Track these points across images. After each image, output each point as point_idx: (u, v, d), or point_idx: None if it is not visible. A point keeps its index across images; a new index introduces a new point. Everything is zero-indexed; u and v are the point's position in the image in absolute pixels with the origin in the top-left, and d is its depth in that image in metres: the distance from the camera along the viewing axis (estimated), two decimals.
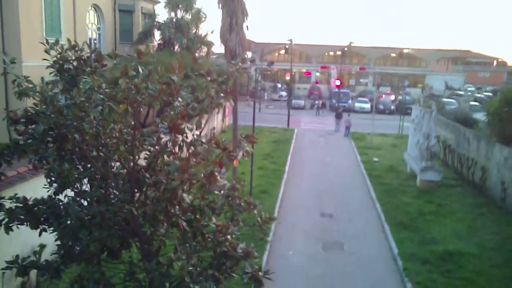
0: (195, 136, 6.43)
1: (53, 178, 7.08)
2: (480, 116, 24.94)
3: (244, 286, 12.38)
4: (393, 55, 76.20)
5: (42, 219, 6.77)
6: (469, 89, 65.24)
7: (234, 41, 15.71)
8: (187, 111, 6.36)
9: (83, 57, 7.39)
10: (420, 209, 17.82)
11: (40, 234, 6.73)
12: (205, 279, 5.89)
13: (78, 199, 7.18)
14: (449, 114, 28.71)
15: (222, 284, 6.36)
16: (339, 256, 14.30)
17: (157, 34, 27.83)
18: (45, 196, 7.03)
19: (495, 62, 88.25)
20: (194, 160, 6.07)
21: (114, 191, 7.13)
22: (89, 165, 7.08)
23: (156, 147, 6.57)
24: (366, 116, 44.46)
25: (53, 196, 7.15)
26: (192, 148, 6.10)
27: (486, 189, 19.79)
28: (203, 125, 6.61)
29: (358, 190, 21.29)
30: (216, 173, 6.10)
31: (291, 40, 51.55)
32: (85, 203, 7.18)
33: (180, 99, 6.04)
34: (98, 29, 27.27)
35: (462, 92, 57.89)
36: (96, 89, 5.92)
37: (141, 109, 6.47)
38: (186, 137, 6.51)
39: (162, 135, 6.66)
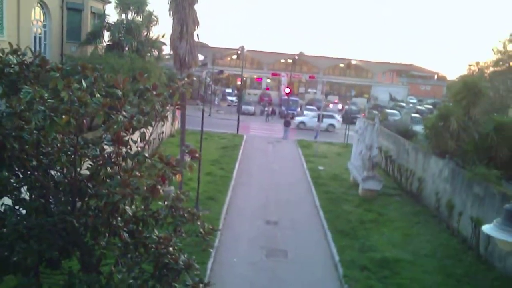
0: (139, 148, 6.49)
1: None
2: (419, 128, 26.27)
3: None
4: (342, 65, 78.47)
5: None
6: (411, 101, 68.39)
7: (184, 49, 15.71)
8: (131, 124, 6.39)
9: (26, 62, 7.22)
10: (360, 218, 18.52)
11: None
12: None
13: (16, 207, 7.01)
14: (391, 126, 30.03)
15: None
16: (283, 264, 14.60)
17: (106, 35, 27.25)
18: None
19: (435, 76, 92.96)
20: (138, 173, 6.11)
21: (54, 201, 7.03)
22: (28, 173, 6.94)
23: (99, 158, 6.57)
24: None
25: None
26: (136, 160, 6.15)
27: (422, 199, 20.89)
28: (150, 131, 6.68)
29: (304, 198, 21.82)
30: (159, 187, 6.17)
31: (242, 47, 51.90)
32: (23, 212, 7.03)
33: (124, 112, 6.07)
34: (44, 26, 26.35)
35: (404, 104, 60.57)
36: (38, 100, 5.85)
37: (84, 120, 6.42)
38: (130, 148, 6.54)
39: (105, 146, 6.66)
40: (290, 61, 72.22)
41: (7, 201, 7.03)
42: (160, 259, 6.59)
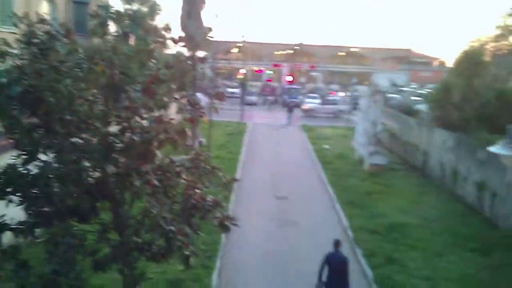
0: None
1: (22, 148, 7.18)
2: (421, 107, 26.78)
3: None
4: (342, 54, 78.81)
5: (8, 190, 6.79)
6: (412, 86, 68.55)
7: (193, 27, 16.23)
8: (158, 75, 6.91)
9: (52, 32, 7.68)
10: (367, 190, 19.06)
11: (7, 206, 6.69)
12: (178, 223, 6.47)
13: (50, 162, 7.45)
14: (394, 106, 30.53)
15: (195, 227, 6.92)
16: (294, 233, 15.08)
17: (112, 26, 27.68)
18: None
19: (435, 62, 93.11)
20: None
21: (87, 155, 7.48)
22: (62, 130, 7.37)
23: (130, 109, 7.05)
24: None
25: (20, 166, 7.29)
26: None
27: (427, 171, 21.39)
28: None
29: (311, 175, 22.34)
30: (187, 130, 6.70)
31: (244, 37, 52.30)
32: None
33: (153, 60, 6.56)
34: (52, 20, 26.83)
35: (406, 89, 60.81)
36: (74, 53, 6.36)
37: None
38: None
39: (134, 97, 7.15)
40: (290, 51, 72.71)
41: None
42: (188, 201, 7.12)
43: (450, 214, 16.38)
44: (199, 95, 20.47)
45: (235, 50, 77.64)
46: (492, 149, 6.27)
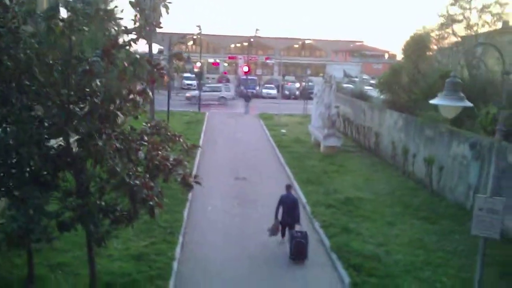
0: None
1: None
2: (373, 93, 27.92)
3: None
4: (296, 46, 79.90)
5: None
6: (364, 77, 70.66)
7: (149, 6, 16.15)
8: (117, 41, 7.02)
9: None
10: (324, 169, 19.72)
11: None
12: (143, 178, 6.64)
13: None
14: (347, 92, 31.54)
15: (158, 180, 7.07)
16: (254, 210, 15.44)
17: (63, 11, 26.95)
18: None
19: (386, 55, 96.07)
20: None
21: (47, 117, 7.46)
22: (22, 92, 7.32)
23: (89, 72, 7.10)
24: (273, 100, 47.40)
25: None
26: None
27: (380, 151, 22.34)
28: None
29: (269, 158, 22.82)
30: (148, 90, 6.85)
31: (199, 27, 52.05)
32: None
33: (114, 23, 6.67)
34: None
35: (358, 79, 62.67)
36: (32, 14, 6.37)
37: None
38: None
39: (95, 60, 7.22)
40: (246, 44, 72.98)
41: None
42: (151, 161, 7.28)
43: (401, 189, 17.27)
44: None
45: (190, 42, 76.93)
46: (432, 101, 6.80)
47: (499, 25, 25.95)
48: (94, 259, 8.23)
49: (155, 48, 40.72)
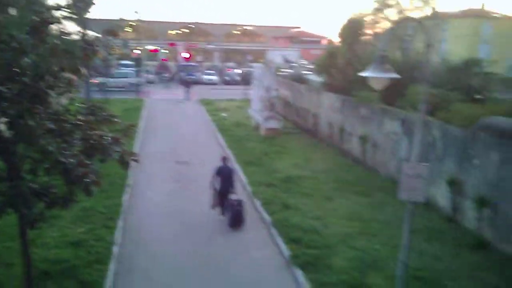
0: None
1: None
2: (311, 77, 28.55)
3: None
4: (237, 32, 79.81)
5: None
6: (303, 62, 72.01)
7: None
8: (47, 18, 6.78)
9: None
10: (264, 151, 20.08)
11: None
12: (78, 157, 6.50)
13: None
14: (287, 77, 32.06)
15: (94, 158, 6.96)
16: (195, 191, 15.48)
17: None
18: None
19: (324, 41, 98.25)
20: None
21: None
22: None
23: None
24: (214, 87, 47.69)
25: None
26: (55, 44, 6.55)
27: (318, 132, 23.02)
28: None
29: (210, 141, 22.87)
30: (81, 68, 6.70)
31: (137, 13, 50.66)
32: None
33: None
34: None
35: (297, 65, 63.81)
36: None
37: None
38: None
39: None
40: (185, 30, 72.01)
41: None
42: (87, 141, 7.12)
43: (338, 166, 17.96)
44: None
45: (128, 29, 74.69)
46: (361, 73, 7.16)
47: (428, 11, 27.37)
48: (28, 246, 7.97)
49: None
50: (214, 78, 53.72)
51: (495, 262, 10.50)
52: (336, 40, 25.24)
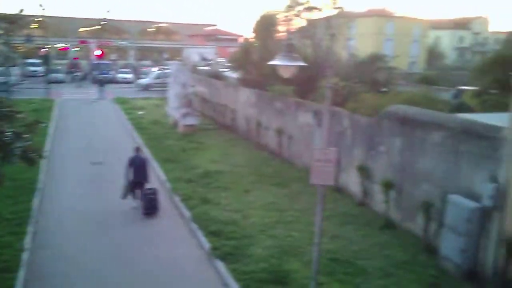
0: None
1: None
2: (228, 74, 28.83)
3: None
4: (152, 29, 78.13)
5: None
6: (220, 60, 72.35)
7: None
8: None
9: None
10: (182, 148, 19.96)
11: None
12: None
13: None
14: (203, 73, 32.03)
15: None
16: (110, 191, 14.97)
17: None
18: None
19: (241, 39, 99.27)
20: None
21: None
22: None
23: None
24: (129, 85, 46.64)
25: None
26: None
27: (236, 128, 23.29)
28: None
29: (126, 140, 22.22)
30: None
31: (43, 8, 47.72)
32: None
33: None
34: None
35: (214, 63, 63.95)
36: None
37: None
38: None
39: None
40: (97, 27, 69.08)
41: None
42: None
43: (256, 160, 18.32)
44: None
45: (34, 25, 70.13)
46: (270, 62, 7.41)
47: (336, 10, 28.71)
48: None
49: None
50: (129, 76, 52.21)
51: (401, 240, 11.35)
52: (251, 36, 25.67)
